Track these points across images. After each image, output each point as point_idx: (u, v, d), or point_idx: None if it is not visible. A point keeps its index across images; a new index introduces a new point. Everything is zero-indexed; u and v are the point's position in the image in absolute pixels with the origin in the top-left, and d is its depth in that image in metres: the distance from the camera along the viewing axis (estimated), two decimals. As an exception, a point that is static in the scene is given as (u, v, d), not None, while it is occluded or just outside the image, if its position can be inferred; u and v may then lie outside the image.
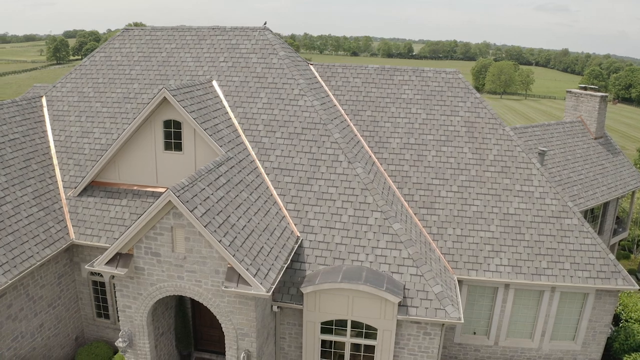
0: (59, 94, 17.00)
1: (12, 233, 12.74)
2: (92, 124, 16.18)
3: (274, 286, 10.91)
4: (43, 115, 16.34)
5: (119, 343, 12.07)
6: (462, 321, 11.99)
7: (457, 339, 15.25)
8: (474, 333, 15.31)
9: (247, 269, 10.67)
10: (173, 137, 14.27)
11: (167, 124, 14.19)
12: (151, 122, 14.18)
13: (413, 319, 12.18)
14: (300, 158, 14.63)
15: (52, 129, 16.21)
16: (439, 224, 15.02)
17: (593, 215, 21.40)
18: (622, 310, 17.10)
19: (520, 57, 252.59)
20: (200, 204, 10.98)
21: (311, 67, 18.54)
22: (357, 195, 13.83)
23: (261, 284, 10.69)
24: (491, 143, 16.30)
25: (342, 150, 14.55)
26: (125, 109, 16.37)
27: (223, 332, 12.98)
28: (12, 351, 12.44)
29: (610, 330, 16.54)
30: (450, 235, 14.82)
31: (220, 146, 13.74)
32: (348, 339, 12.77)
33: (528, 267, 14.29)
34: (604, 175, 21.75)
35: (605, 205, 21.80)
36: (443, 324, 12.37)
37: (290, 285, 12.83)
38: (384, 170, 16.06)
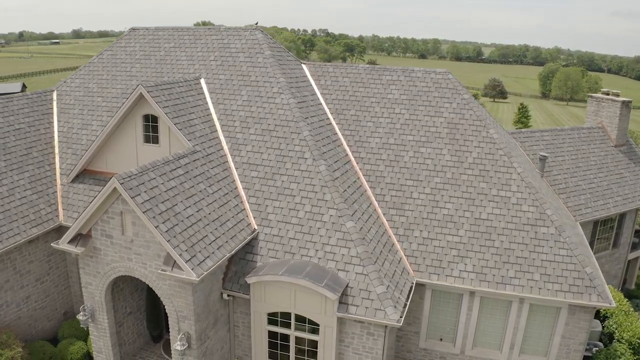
0: (68, 88, 18.60)
1: (3, 212, 14.21)
2: (91, 117, 17.56)
3: (205, 273, 11.41)
4: (52, 108, 17.97)
5: (80, 316, 13.13)
6: (400, 324, 11.83)
7: (422, 343, 14.95)
8: (441, 339, 14.93)
9: (181, 255, 11.25)
10: (151, 130, 15.21)
11: (147, 118, 15.15)
12: (133, 116, 15.21)
13: (355, 318, 12.19)
14: (269, 154, 15.04)
15: (57, 120, 17.79)
16: (407, 225, 14.82)
17: (605, 227, 19.96)
18: (616, 329, 15.90)
19: (591, 63, 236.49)
20: (145, 191, 11.71)
21: (303, 66, 18.88)
22: (317, 192, 14.02)
23: (193, 269, 11.24)
24: (472, 145, 15.81)
25: (308, 148, 14.79)
26: (121, 103, 17.58)
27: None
28: (-5, 318, 13.90)
29: (595, 349, 15.47)
30: (416, 237, 14.58)
31: (190, 140, 14.47)
32: (292, 332, 13.01)
33: (494, 275, 13.75)
34: (621, 185, 20.20)
35: (622, 216, 20.24)
36: (386, 326, 12.27)
37: (241, 275, 13.27)
38: (360, 169, 16.07)
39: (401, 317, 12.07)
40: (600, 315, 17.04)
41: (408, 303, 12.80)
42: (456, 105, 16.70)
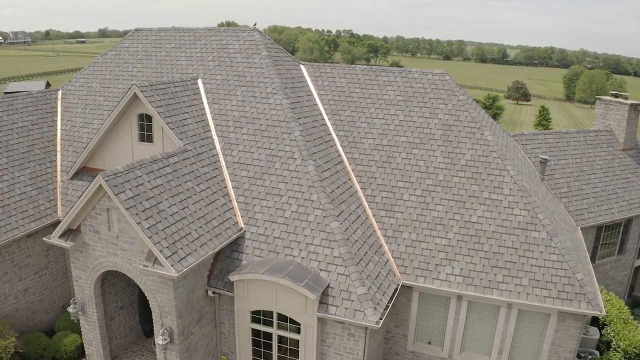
0: (72, 87, 19.13)
1: (2, 207, 14.72)
2: (92, 116, 18.02)
3: (185, 269, 11.60)
4: (56, 107, 18.51)
5: (70, 309, 13.50)
6: (379, 326, 11.78)
7: (410, 346, 14.85)
8: (429, 343, 14.80)
9: (162, 251, 11.47)
10: (145, 129, 15.53)
11: (142, 117, 15.47)
12: (128, 116, 15.55)
13: (335, 318, 12.20)
14: (260, 154, 15.17)
15: (61, 119, 18.32)
16: (396, 227, 14.75)
17: (611, 233, 19.43)
18: (613, 337, 15.49)
19: (617, 66, 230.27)
20: (130, 189, 11.97)
21: (302, 66, 18.97)
22: (304, 192, 14.08)
23: (173, 266, 11.44)
24: (466, 147, 15.62)
25: (298, 148, 14.86)
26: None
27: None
28: (-7, 308, 14.41)
29: (590, 357, 15.09)
30: (404, 239, 14.49)
31: (181, 139, 14.72)
32: (275, 331, 13.09)
33: (481, 279, 13.56)
34: (628, 189, 19.63)
35: (628, 222, 19.67)
36: (367, 327, 12.24)
37: (227, 272, 13.42)
38: (352, 170, 16.06)
39: (381, 319, 12.02)
40: (599, 323, 16.62)
41: (390, 305, 12.74)
42: (451, 106, 16.53)
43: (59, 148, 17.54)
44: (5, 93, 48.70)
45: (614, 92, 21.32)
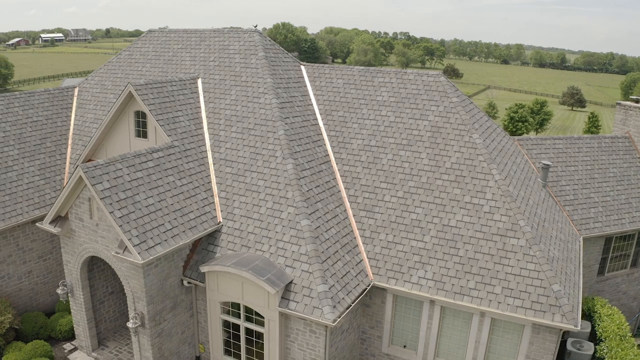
0: (87, 85, 20.40)
1: (10, 194, 15.98)
2: (102, 112, 19.14)
3: (152, 257, 12.16)
4: (72, 103, 19.81)
5: (59, 290, 14.45)
6: (334, 324, 11.83)
7: (385, 349, 14.74)
8: (404, 346, 14.63)
9: (130, 240, 12.10)
10: (141, 126, 16.35)
11: (137, 114, 16.31)
12: (126, 113, 16.44)
13: (295, 314, 12.37)
14: (245, 151, 15.58)
15: (75, 114, 19.58)
16: (374, 227, 14.70)
17: (623, 244, 18.32)
18: (606, 354, 14.64)
19: None
20: (108, 180, 12.72)
21: (302, 67, 19.25)
22: (280, 190, 14.34)
23: (140, 254, 12.04)
24: (452, 150, 15.32)
25: (280, 146, 15.14)
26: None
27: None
28: (-3, 287, 15.67)
29: (575, 374, 14.36)
30: (381, 240, 14.43)
31: (170, 135, 15.39)
32: (242, 323, 13.43)
33: (453, 284, 13.27)
34: (642, 200, 18.45)
35: (642, 235, 18.48)
36: (327, 326, 12.32)
37: (201, 264, 13.91)
38: (338, 170, 16.15)
39: (339, 318, 12.06)
40: (596, 338, 15.77)
41: (352, 305, 12.74)
42: (443, 108, 16.25)
43: (70, 142, 18.77)
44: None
45: (634, 97, 20.09)
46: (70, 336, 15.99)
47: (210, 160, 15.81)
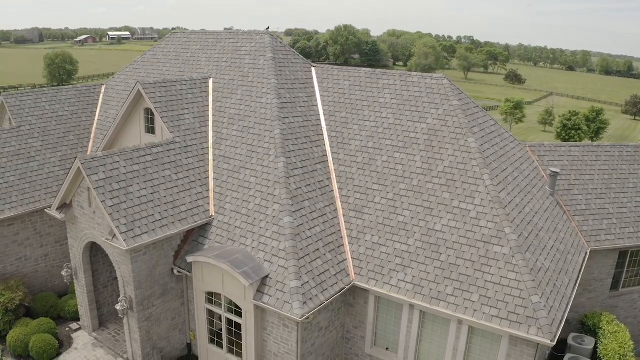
0: (113, 83, 21.73)
1: (30, 183, 17.39)
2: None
3: (137, 245, 12.89)
4: (98, 100, 21.19)
5: (63, 272, 15.57)
6: (301, 319, 12.03)
7: (368, 349, 14.73)
8: (387, 349, 14.56)
9: (118, 227, 12.90)
10: (150, 122, 17.28)
11: (147, 111, 17.26)
12: (137, 110, 17.44)
13: (267, 307, 12.66)
14: (242, 149, 16.10)
15: (100, 110, 20.93)
16: (361, 228, 14.76)
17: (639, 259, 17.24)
18: (601, 375, 13.90)
19: None
20: (104, 172, 13.61)
21: (312, 69, 19.56)
22: (269, 187, 14.72)
23: (125, 241, 12.80)
24: (446, 154, 15.09)
25: (275, 145, 15.53)
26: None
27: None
28: (15, 267, 17.05)
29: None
30: (367, 241, 14.46)
31: (172, 132, 16.19)
32: (224, 313, 13.91)
33: (431, 289, 13.09)
34: (663, 214, 17.25)
35: (661, 252, 17.27)
36: (298, 322, 12.54)
37: (190, 254, 14.53)
38: (334, 170, 16.32)
39: (308, 314, 12.25)
40: (597, 356, 14.98)
41: (326, 302, 12.87)
42: (442, 111, 16.03)
43: (92, 136, 20.11)
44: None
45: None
46: (78, 317, 17.13)
47: (211, 157, 16.46)
